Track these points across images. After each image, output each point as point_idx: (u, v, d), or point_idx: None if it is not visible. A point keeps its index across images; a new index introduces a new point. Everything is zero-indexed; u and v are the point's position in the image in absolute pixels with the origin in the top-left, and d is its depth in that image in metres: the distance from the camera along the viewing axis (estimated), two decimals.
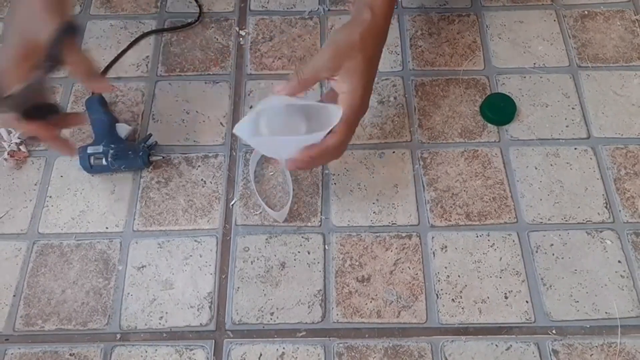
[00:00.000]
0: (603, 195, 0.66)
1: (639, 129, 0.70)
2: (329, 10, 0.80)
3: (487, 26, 0.79)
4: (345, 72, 0.53)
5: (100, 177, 0.68)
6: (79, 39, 0.50)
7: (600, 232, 0.64)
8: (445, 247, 0.63)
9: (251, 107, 0.57)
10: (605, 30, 0.78)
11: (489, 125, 0.71)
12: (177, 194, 0.67)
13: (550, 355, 0.57)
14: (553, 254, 0.62)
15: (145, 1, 0.81)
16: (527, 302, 0.60)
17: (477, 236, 0.64)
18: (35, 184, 0.68)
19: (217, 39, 0.78)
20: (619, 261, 0.62)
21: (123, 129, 0.69)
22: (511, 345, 0.58)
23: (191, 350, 0.58)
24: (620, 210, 0.65)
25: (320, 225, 0.65)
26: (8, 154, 0.68)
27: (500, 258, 0.62)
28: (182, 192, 0.67)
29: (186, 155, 0.69)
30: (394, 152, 0.69)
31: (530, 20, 0.79)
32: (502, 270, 0.62)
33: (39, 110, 0.53)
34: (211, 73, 0.75)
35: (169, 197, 0.67)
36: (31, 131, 0.53)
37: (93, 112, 0.70)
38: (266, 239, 0.64)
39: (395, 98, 0.73)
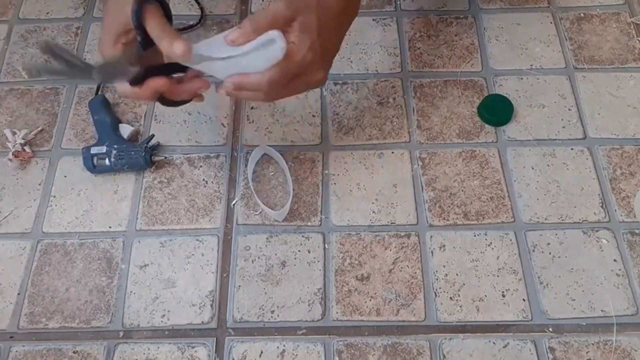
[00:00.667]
0: (599, 195, 0.66)
1: (635, 129, 0.70)
2: None
3: (484, 28, 0.79)
4: (297, 25, 0.50)
5: (104, 177, 0.68)
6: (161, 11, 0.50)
7: (596, 231, 0.64)
8: (444, 246, 0.63)
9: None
10: (601, 33, 0.78)
11: (486, 126, 0.71)
12: (179, 193, 0.67)
13: (547, 352, 0.58)
14: (550, 253, 0.63)
15: None
16: (524, 300, 0.60)
17: (475, 235, 0.64)
18: (40, 184, 0.68)
19: None
20: (615, 260, 0.62)
21: (126, 130, 0.70)
22: (508, 343, 0.58)
23: (193, 348, 0.59)
24: (615, 210, 0.65)
25: (320, 224, 0.65)
26: (13, 155, 0.69)
27: (498, 257, 0.63)
28: (184, 192, 0.67)
29: (188, 155, 0.70)
30: (393, 152, 0.69)
31: (527, 23, 0.79)
32: (500, 269, 0.62)
33: (156, 71, 0.52)
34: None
35: (171, 196, 0.67)
36: (152, 90, 0.51)
37: (96, 113, 0.70)
38: (267, 238, 0.64)
39: (394, 99, 0.73)
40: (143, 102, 0.55)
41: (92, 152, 0.67)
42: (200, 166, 0.69)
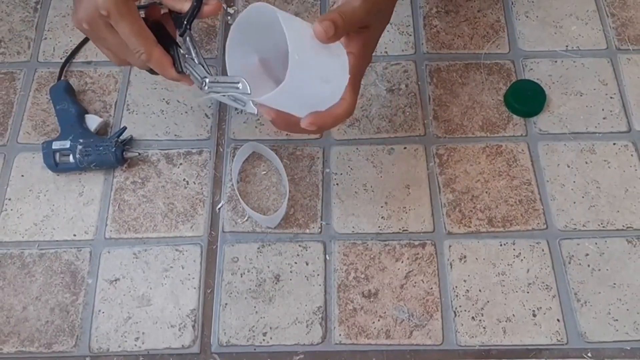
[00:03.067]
0: None
1: None
2: None
3: (512, 3, 0.79)
4: (367, 34, 0.51)
5: (67, 176, 0.68)
6: None
7: None
8: (465, 257, 0.63)
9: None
10: None
11: (514, 117, 0.71)
12: (155, 196, 0.67)
13: None
14: (588, 265, 0.63)
15: None
16: (558, 320, 0.60)
17: (501, 245, 0.64)
18: None
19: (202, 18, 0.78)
20: None
21: (93, 121, 0.69)
22: None
23: None
24: None
25: (321, 232, 0.65)
26: None
27: (528, 270, 0.63)
28: (162, 194, 0.67)
29: (166, 151, 0.70)
30: (405, 147, 0.69)
31: None
32: (530, 284, 0.62)
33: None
34: None
35: (146, 199, 0.67)
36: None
37: (59, 102, 0.70)
38: (258, 248, 0.64)
39: (406, 86, 0.73)
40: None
41: (53, 147, 0.66)
42: (180, 164, 0.69)
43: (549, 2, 0.79)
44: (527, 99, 0.71)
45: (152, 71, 0.55)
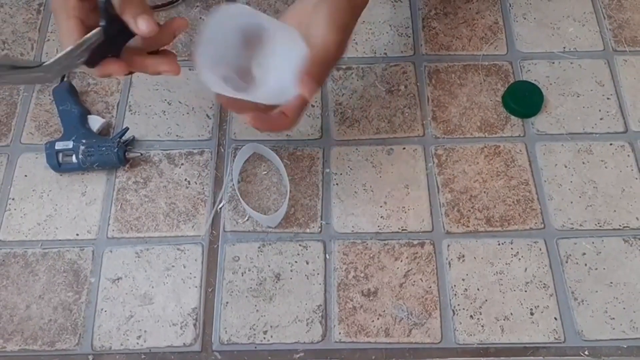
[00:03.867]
0: None
1: None
2: None
3: (510, 5, 0.79)
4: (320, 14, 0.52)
5: (70, 176, 0.68)
6: None
7: None
8: (463, 256, 0.63)
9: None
10: None
11: (512, 117, 0.71)
12: (157, 196, 0.67)
13: None
14: (585, 264, 0.63)
15: None
16: (555, 319, 0.60)
17: (499, 244, 0.64)
18: None
19: (203, 19, 0.78)
20: None
21: (96, 122, 0.69)
22: None
23: None
24: None
25: (321, 231, 0.65)
26: None
27: (526, 269, 0.63)
28: (163, 194, 0.67)
29: (168, 151, 0.70)
30: (404, 148, 0.69)
31: None
32: (528, 282, 0.62)
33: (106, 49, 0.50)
34: None
35: (148, 199, 0.67)
36: (107, 74, 0.51)
37: (61, 103, 0.70)
38: (259, 248, 0.64)
39: (405, 87, 0.73)
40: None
41: (56, 147, 0.66)
42: (182, 164, 0.69)
43: (546, 4, 0.79)
44: (524, 100, 0.71)
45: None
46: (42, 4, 0.80)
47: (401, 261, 0.63)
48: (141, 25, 0.48)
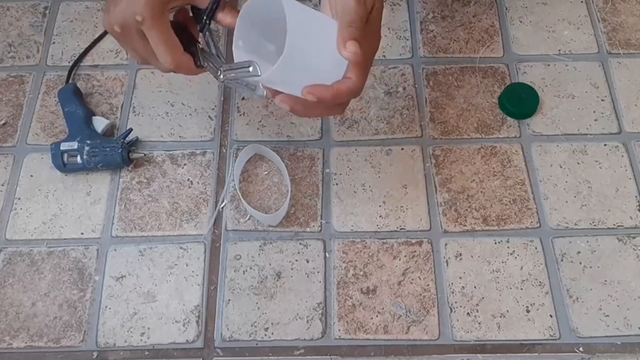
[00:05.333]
0: (636, 197, 0.66)
1: None
2: None
3: (506, 8, 0.79)
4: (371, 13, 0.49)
5: (75, 176, 0.68)
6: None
7: (633, 238, 0.64)
8: (460, 255, 0.63)
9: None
10: (638, 13, 0.78)
11: (508, 119, 0.71)
12: (160, 195, 0.67)
13: None
14: (580, 263, 0.63)
15: None
16: (551, 316, 0.60)
17: (496, 243, 0.64)
18: (2, 185, 0.68)
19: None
20: None
21: (100, 123, 0.69)
22: None
23: None
24: None
25: (321, 230, 0.65)
26: None
27: (521, 267, 0.63)
28: (166, 194, 0.67)
29: (170, 152, 0.70)
30: (402, 148, 0.69)
31: (554, 2, 0.79)
32: (524, 280, 0.62)
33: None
34: None
35: (151, 199, 0.67)
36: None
37: (67, 104, 0.70)
38: (260, 246, 0.64)
39: (404, 88, 0.73)
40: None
41: (61, 148, 0.66)
42: (185, 164, 0.69)
43: (542, 7, 0.79)
44: (520, 102, 0.71)
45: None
46: (48, 7, 0.80)
47: (399, 259, 0.63)
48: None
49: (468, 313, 0.60)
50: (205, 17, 0.53)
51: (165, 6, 0.50)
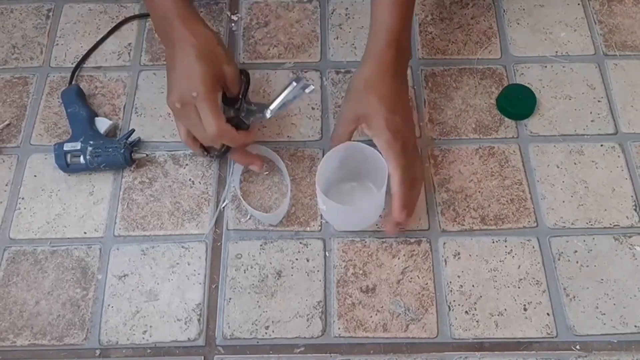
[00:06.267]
0: (632, 196, 0.66)
1: None
2: None
3: (504, 10, 0.79)
4: (367, 118, 0.59)
5: (78, 176, 0.68)
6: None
7: (629, 237, 0.64)
8: (458, 254, 0.63)
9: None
10: (634, 15, 0.78)
11: (506, 119, 0.71)
12: (162, 195, 0.67)
13: None
14: (577, 262, 0.63)
15: None
16: (548, 314, 0.60)
17: (493, 242, 0.64)
18: (7, 185, 0.68)
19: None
20: None
21: (103, 124, 0.69)
22: None
23: None
24: None
25: (321, 229, 0.65)
26: None
27: (519, 266, 0.63)
28: (168, 194, 0.67)
29: (172, 152, 0.70)
30: None
31: (551, 4, 0.79)
32: (521, 279, 0.62)
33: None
34: None
35: (153, 198, 0.67)
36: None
37: (70, 105, 0.70)
38: (261, 245, 0.64)
39: None
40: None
41: (65, 148, 0.66)
42: (186, 164, 0.69)
43: (539, 9, 0.79)
44: (518, 103, 0.71)
45: (208, 150, 0.65)
46: (51, 9, 0.80)
47: (399, 258, 0.63)
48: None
49: (466, 311, 0.60)
50: (241, 96, 0.63)
51: (215, 87, 0.59)
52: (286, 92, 0.62)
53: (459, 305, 0.61)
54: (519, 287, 0.61)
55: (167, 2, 0.60)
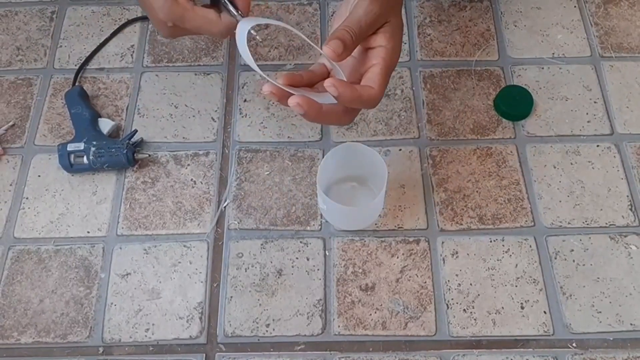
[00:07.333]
0: (628, 196, 0.66)
1: None
2: None
3: (501, 13, 0.79)
4: (390, 28, 0.51)
5: (81, 176, 0.68)
6: None
7: (625, 236, 0.64)
8: (456, 253, 0.63)
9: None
10: (630, 17, 0.78)
11: (503, 120, 0.71)
12: (164, 195, 0.67)
13: None
14: (573, 261, 0.63)
15: None
16: (545, 312, 0.60)
17: (491, 241, 0.64)
18: (11, 185, 0.68)
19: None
20: None
21: (106, 125, 0.69)
22: None
23: None
24: None
25: (321, 229, 0.65)
26: None
27: (516, 265, 0.63)
28: (170, 193, 0.67)
29: (174, 153, 0.70)
30: (400, 149, 0.69)
31: (548, 7, 0.79)
32: (518, 278, 0.62)
33: None
34: (202, 64, 0.76)
35: (155, 198, 0.67)
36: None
37: (73, 106, 0.70)
38: (261, 244, 0.64)
39: (402, 91, 0.73)
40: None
41: (68, 149, 0.66)
42: (188, 165, 0.69)
43: (536, 12, 0.79)
44: (515, 104, 0.71)
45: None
46: (55, 12, 0.80)
47: (397, 257, 0.63)
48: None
49: (464, 310, 0.60)
50: None
51: (180, 6, 0.54)
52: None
53: (457, 303, 0.61)
54: (516, 286, 0.61)
55: None
